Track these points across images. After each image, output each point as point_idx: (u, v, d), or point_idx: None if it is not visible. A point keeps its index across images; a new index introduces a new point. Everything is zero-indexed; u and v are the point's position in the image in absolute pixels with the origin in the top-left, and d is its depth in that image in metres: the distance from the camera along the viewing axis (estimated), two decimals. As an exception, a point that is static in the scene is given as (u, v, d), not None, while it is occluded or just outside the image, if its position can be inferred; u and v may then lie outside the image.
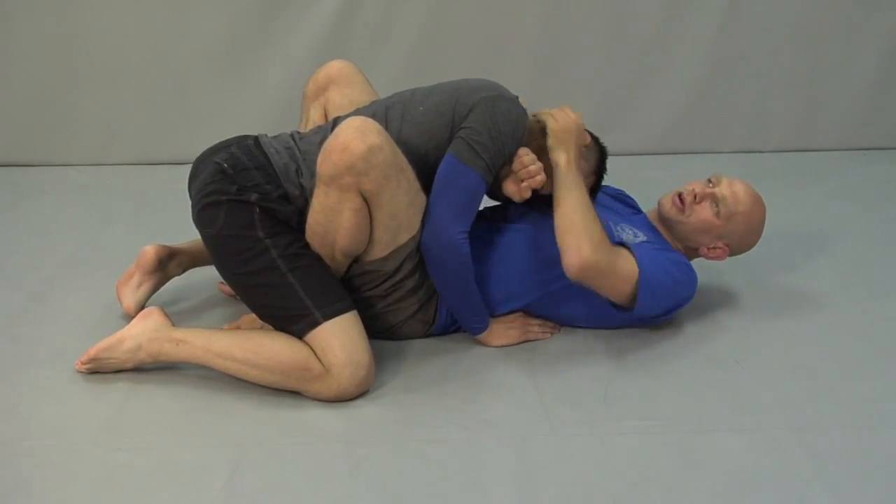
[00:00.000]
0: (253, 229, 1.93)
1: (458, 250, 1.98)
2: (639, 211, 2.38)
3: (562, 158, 2.04)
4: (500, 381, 2.00)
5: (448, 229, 1.97)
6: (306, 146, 2.04)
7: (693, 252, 2.22)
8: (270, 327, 1.98)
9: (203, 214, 1.98)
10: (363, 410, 1.88)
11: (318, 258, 1.97)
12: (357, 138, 1.85)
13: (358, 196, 1.89)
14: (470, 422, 1.84)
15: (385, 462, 1.72)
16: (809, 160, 3.56)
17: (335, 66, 2.35)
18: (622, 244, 2.08)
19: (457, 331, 2.17)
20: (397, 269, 2.03)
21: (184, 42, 3.36)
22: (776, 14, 3.48)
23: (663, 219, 2.21)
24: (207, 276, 2.32)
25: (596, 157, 2.18)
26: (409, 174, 1.95)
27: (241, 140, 2.07)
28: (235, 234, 1.94)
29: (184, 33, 3.36)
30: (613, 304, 2.07)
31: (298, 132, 2.15)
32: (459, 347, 2.12)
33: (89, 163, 3.32)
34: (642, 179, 3.30)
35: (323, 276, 1.95)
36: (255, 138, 2.07)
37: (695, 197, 2.16)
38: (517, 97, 2.11)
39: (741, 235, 2.19)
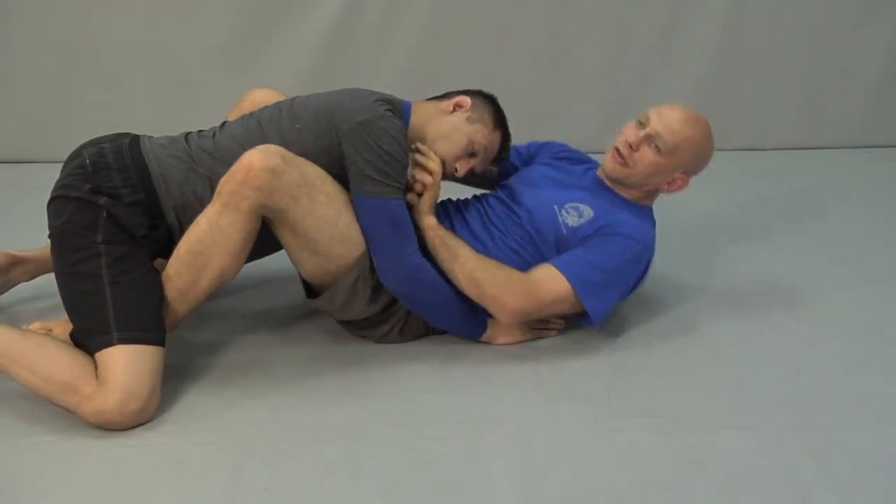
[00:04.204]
0: (94, 232, 1.87)
1: (420, 273, 1.96)
2: (589, 162, 2.30)
3: (425, 221, 2.00)
4: (504, 378, 1.99)
5: (400, 263, 1.95)
6: (199, 154, 1.98)
7: (654, 193, 2.18)
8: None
9: (53, 206, 1.94)
10: (366, 407, 1.88)
11: (149, 280, 1.89)
12: (261, 160, 1.83)
13: (255, 219, 1.87)
14: (473, 418, 1.84)
15: (388, 459, 1.72)
16: (813, 158, 3.56)
17: (259, 94, 2.29)
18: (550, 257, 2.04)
19: None
20: (352, 300, 2.01)
21: (188, 41, 3.36)
22: (780, 12, 3.49)
23: (611, 178, 2.15)
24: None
25: (491, 111, 2.12)
26: (324, 194, 1.91)
27: (117, 138, 2.02)
28: (75, 233, 1.88)
29: (188, 32, 3.36)
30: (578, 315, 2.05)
31: (200, 133, 2.06)
32: (462, 344, 2.12)
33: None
34: None
35: (144, 299, 1.86)
36: (136, 138, 2.02)
37: (630, 146, 2.08)
38: (384, 101, 2.02)
39: (692, 160, 2.12)
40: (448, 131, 2.07)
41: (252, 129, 2.00)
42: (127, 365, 1.78)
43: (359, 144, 1.92)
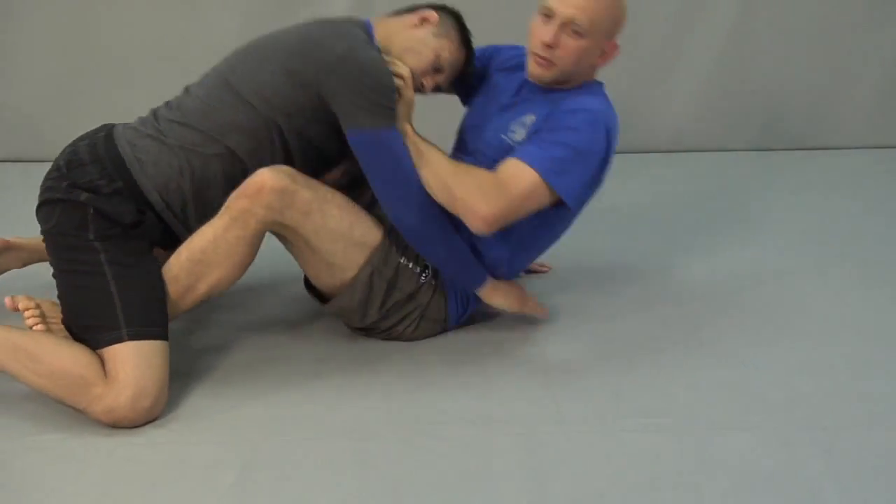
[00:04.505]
0: (85, 230, 1.86)
1: (429, 207, 1.90)
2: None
3: (400, 128, 1.93)
4: (510, 377, 1.99)
5: (408, 192, 1.90)
6: (167, 126, 1.95)
7: (592, 71, 2.05)
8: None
9: (41, 212, 1.94)
10: (372, 406, 1.88)
11: (153, 273, 1.89)
12: (273, 179, 1.84)
13: (261, 236, 1.89)
14: (479, 417, 1.84)
15: (396, 459, 1.72)
16: (821, 158, 3.55)
17: None
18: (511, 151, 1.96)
19: (468, 322, 2.17)
20: (369, 296, 2.01)
21: (195, 40, 3.37)
22: (788, 13, 3.48)
23: (543, 82, 2.02)
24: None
25: (457, 27, 2.07)
26: (336, 207, 1.93)
27: (95, 132, 2.00)
28: (68, 233, 1.87)
29: (195, 31, 3.37)
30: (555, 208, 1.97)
31: (167, 104, 2.03)
32: (470, 344, 2.12)
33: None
34: (655, 177, 3.31)
35: (149, 294, 1.86)
36: (111, 128, 2.00)
37: (549, 45, 1.94)
38: (353, 25, 1.99)
39: (612, 24, 1.98)
40: (415, 44, 2.01)
41: (216, 85, 1.97)
42: (137, 361, 1.78)
43: (344, 79, 1.87)
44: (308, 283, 2.14)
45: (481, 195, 1.86)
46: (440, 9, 2.07)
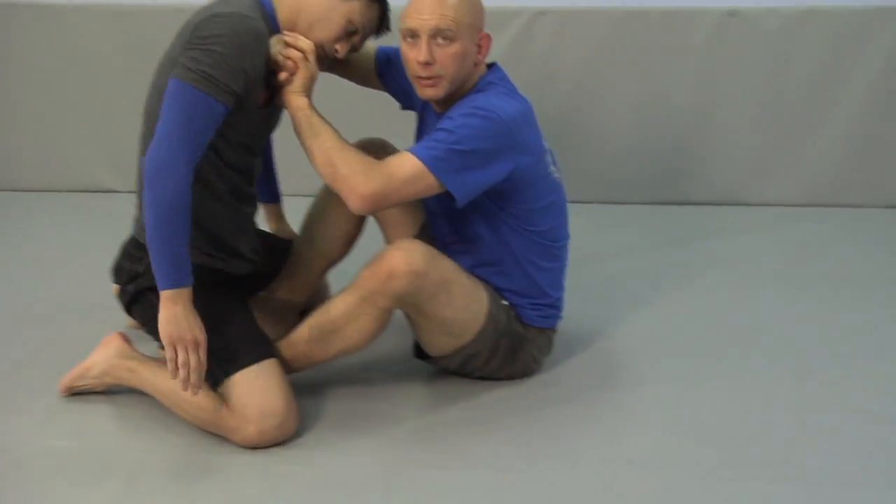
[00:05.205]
0: (156, 311, 1.86)
1: (164, 182, 1.78)
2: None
3: (294, 102, 1.92)
4: (644, 418, 2.04)
5: (170, 159, 1.78)
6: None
7: (477, 70, 2.01)
8: None
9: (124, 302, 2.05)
10: (510, 440, 1.95)
11: (223, 311, 1.95)
12: (405, 262, 1.88)
13: (388, 313, 1.95)
14: (611, 456, 1.89)
15: (526, 492, 1.78)
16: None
17: None
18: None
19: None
20: (472, 355, 2.08)
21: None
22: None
23: (439, 103, 2.01)
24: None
25: (377, 13, 2.01)
26: (458, 284, 1.99)
27: None
28: (145, 318, 2.00)
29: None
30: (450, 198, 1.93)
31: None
32: (593, 383, 2.18)
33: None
34: (790, 231, 3.27)
35: (227, 330, 1.93)
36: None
37: (426, 63, 1.92)
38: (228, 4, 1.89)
39: (476, 18, 1.96)
40: (323, 15, 1.95)
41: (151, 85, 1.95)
42: (247, 391, 1.88)
43: (187, 40, 1.84)
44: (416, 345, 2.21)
45: (363, 174, 1.86)
46: None
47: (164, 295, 1.82)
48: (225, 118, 1.85)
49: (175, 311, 1.82)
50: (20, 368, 2.23)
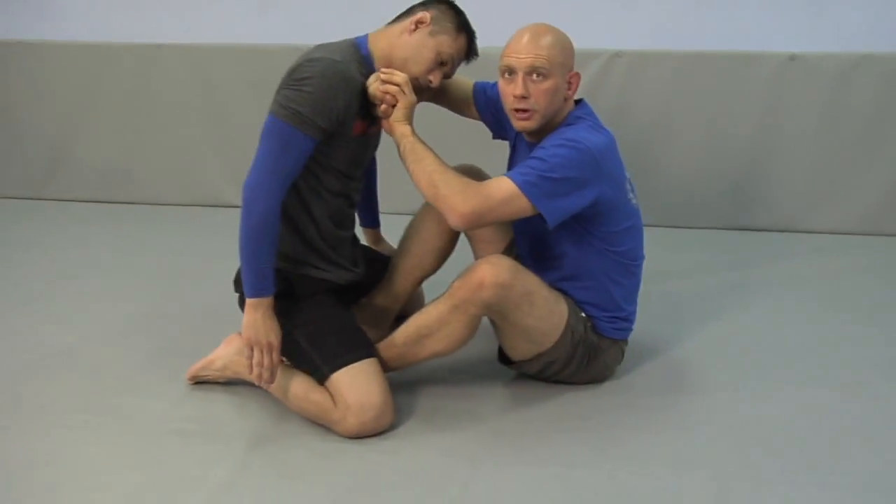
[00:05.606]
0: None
1: (255, 208, 2.03)
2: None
3: (398, 130, 2.12)
4: (704, 421, 2.16)
5: (260, 180, 2.03)
6: None
7: (567, 105, 2.18)
8: None
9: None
10: (582, 440, 2.10)
11: (326, 315, 2.17)
12: (493, 275, 2.05)
13: (477, 320, 2.12)
14: (673, 460, 2.02)
15: (600, 490, 1.93)
16: None
17: None
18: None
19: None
20: (551, 362, 2.24)
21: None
22: None
23: (531, 134, 2.20)
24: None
25: (451, 17, 2.16)
26: (540, 296, 2.14)
27: None
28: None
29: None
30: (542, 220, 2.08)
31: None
32: (663, 387, 2.32)
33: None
34: (844, 257, 3.36)
35: (332, 331, 2.15)
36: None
37: (522, 96, 2.10)
38: (321, 48, 2.12)
39: (567, 58, 2.13)
40: (414, 51, 2.14)
41: None
42: (349, 387, 2.08)
43: (284, 80, 2.07)
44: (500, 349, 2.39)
45: (462, 194, 2.03)
46: (432, 4, 2.17)
47: (248, 302, 2.08)
48: (320, 148, 2.09)
49: (255, 318, 2.08)
50: (154, 358, 2.54)
